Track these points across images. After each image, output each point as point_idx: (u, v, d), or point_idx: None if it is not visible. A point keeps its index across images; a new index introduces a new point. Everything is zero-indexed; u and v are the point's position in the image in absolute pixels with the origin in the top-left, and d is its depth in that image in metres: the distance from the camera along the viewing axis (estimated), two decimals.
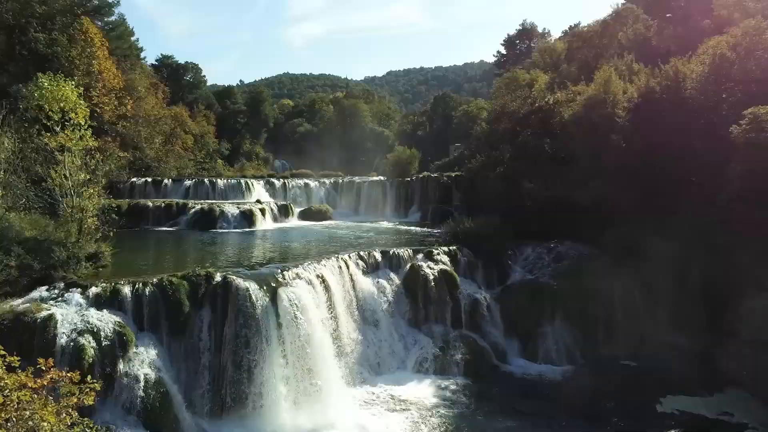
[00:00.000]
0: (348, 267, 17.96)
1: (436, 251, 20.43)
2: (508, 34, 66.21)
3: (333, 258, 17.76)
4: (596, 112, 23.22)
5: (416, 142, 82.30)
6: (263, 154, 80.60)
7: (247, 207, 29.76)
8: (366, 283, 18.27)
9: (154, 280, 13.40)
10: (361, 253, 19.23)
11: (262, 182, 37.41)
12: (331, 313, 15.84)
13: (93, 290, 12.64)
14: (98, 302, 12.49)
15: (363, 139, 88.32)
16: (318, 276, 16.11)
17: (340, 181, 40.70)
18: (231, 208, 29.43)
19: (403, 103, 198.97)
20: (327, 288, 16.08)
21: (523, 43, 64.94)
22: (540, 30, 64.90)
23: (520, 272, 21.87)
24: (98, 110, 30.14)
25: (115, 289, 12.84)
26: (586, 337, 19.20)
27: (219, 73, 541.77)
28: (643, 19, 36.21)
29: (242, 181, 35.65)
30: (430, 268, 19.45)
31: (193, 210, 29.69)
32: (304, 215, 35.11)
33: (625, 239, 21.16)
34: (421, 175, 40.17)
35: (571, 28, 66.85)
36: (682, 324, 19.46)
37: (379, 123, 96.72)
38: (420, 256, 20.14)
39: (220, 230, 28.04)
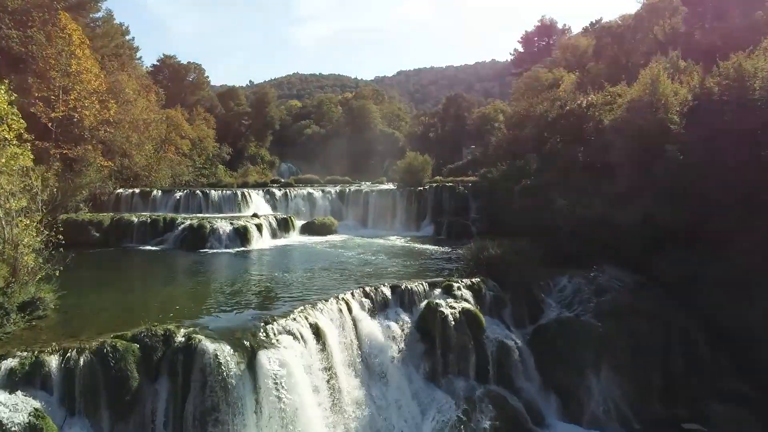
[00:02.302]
0: (350, 309, 14.72)
1: (456, 284, 17.11)
2: (526, 31, 62.72)
3: (332, 299, 14.52)
4: (644, 117, 19.82)
5: (427, 144, 78.98)
6: (268, 157, 77.67)
7: (241, 223, 26.60)
8: (372, 328, 14.98)
9: (93, 344, 10.21)
10: (367, 288, 15.97)
11: (261, 193, 34.22)
12: (328, 374, 12.60)
13: (6, 364, 9.46)
14: (11, 381, 9.31)
15: (372, 141, 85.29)
16: (312, 326, 12.87)
17: (347, 190, 37.44)
18: (223, 225, 26.30)
19: (413, 102, 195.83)
20: (323, 342, 12.83)
21: (541, 40, 61.33)
22: (560, 26, 61.18)
23: (556, 308, 18.46)
24: (76, 115, 27.15)
25: (37, 360, 9.66)
26: (639, 392, 15.82)
27: (228, 73, 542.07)
28: (681, 12, 32.62)
29: (238, 192, 32.45)
30: (450, 307, 16.13)
31: (181, 226, 26.59)
32: (306, 229, 31.93)
33: (681, 267, 17.84)
34: (434, 184, 36.84)
35: (592, 24, 63.36)
36: (757, 374, 16.13)
37: (389, 124, 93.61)
38: (437, 291, 16.84)
39: (211, 250, 24.93)
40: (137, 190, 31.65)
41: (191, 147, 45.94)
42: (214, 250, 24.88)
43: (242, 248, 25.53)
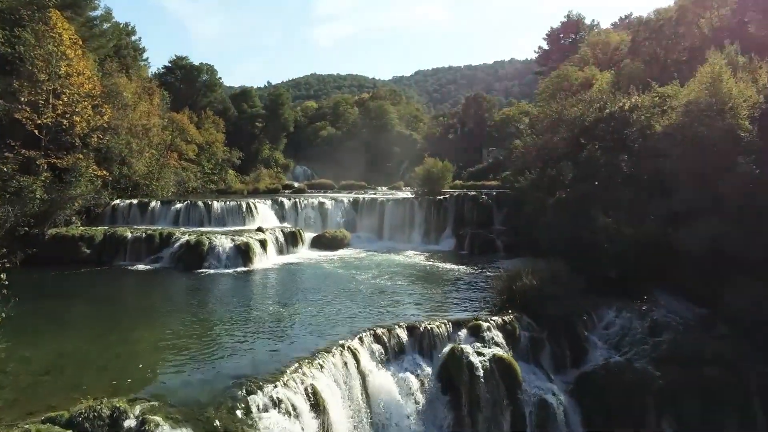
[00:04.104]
0: (358, 361, 12.13)
1: (485, 324, 14.40)
2: (552, 27, 59.47)
3: (336, 350, 11.92)
4: (706, 122, 16.85)
5: (446, 145, 76.23)
6: (283, 160, 75.39)
7: (243, 239, 24.12)
8: (384, 382, 12.39)
9: None
10: (379, 331, 13.39)
11: (269, 203, 31.75)
12: None
13: None
14: None
15: (389, 142, 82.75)
16: (308, 392, 10.28)
17: (361, 198, 34.82)
18: (223, 241, 23.86)
19: (431, 103, 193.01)
20: (322, 412, 10.22)
21: (568, 36, 58.03)
22: (587, 22, 57.83)
23: (602, 349, 15.62)
24: (65, 122, 24.97)
25: None
26: None
27: (247, 75, 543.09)
28: (731, 2, 29.34)
29: (243, 203, 30.03)
30: (479, 354, 13.46)
31: (178, 243, 24.23)
32: (316, 243, 29.44)
33: (758, 303, 14.82)
34: (455, 193, 34.15)
35: (622, 19, 59.94)
36: None
37: (406, 125, 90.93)
38: (462, 333, 14.16)
39: (209, 270, 22.51)
40: (135, 201, 29.38)
41: (198, 152, 43.76)
42: (213, 271, 22.46)
43: (244, 268, 23.07)
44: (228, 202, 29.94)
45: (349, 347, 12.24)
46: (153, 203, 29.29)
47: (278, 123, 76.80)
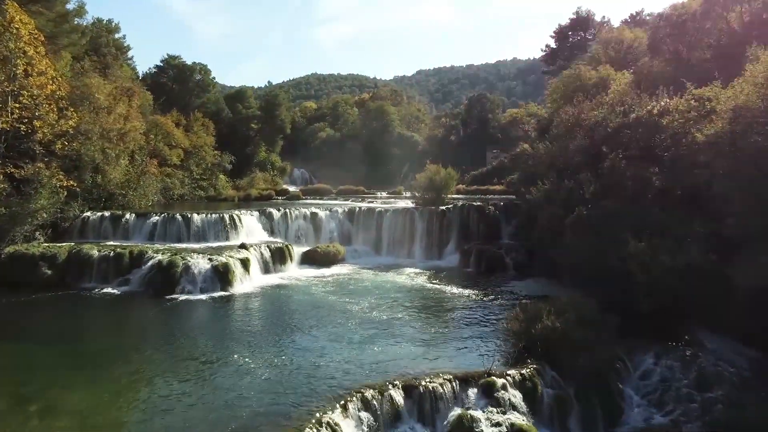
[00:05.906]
0: None
1: (499, 381, 11.71)
2: (560, 25, 56.66)
3: (311, 428, 9.25)
4: (762, 131, 14.12)
5: (448, 147, 73.71)
6: (279, 163, 72.64)
7: (221, 260, 21.46)
8: None
9: None
10: (368, 393, 10.73)
11: (255, 214, 28.96)
12: None
13: None
14: None
15: (390, 144, 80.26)
16: None
17: (357, 208, 32.08)
18: (199, 262, 21.19)
19: (433, 103, 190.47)
20: None
21: (576, 34, 55.27)
22: (598, 19, 55.09)
23: (641, 406, 12.94)
24: (23, 127, 22.32)
25: None
26: None
27: (249, 75, 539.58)
28: None
29: (226, 215, 27.23)
30: (494, 425, 10.79)
31: (149, 263, 21.58)
32: (307, 259, 26.74)
33: None
34: (459, 203, 31.41)
35: (632, 16, 57.19)
36: None
37: (407, 127, 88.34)
38: (472, 393, 11.49)
39: (182, 296, 19.88)
40: (107, 214, 26.67)
41: (185, 157, 41.03)
42: (185, 297, 19.82)
43: (222, 292, 20.43)
44: (210, 215, 27.17)
45: (327, 422, 9.57)
46: (127, 216, 26.55)
47: (274, 124, 74.02)
